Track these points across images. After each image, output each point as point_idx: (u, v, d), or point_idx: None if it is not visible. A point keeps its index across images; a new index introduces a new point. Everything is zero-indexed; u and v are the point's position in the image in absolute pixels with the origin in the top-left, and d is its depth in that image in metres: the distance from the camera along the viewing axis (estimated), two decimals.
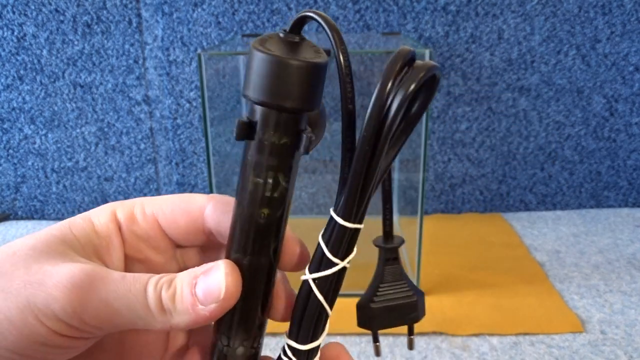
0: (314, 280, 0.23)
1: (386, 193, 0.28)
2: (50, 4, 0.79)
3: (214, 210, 0.26)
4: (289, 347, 0.24)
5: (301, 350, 0.23)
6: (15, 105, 0.84)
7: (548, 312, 0.62)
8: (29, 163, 0.88)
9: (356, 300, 0.31)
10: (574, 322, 0.59)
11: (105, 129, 0.85)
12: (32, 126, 0.85)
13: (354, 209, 0.22)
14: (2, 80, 0.83)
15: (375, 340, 0.29)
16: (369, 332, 0.61)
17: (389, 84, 0.20)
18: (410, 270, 0.69)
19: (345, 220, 0.22)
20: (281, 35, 0.21)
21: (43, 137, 0.86)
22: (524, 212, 0.90)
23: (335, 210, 0.22)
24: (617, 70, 0.82)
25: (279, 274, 0.25)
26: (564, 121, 0.85)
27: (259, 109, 0.21)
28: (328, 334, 0.24)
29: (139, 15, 0.80)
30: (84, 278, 0.21)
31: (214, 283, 0.22)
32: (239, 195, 0.23)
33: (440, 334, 0.58)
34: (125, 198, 0.89)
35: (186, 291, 0.22)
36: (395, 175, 0.87)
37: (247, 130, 0.21)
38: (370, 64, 0.81)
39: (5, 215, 0.90)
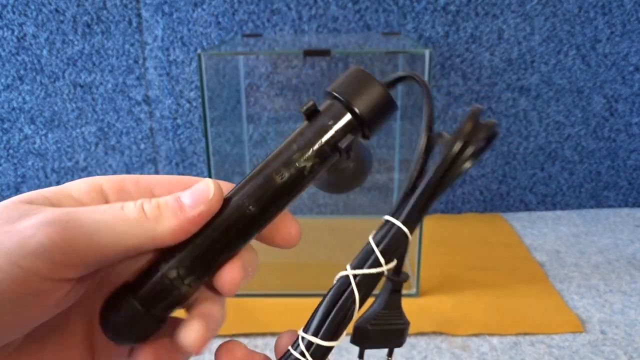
0: (354, 276, 0.23)
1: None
2: (50, 4, 0.79)
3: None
4: (305, 342, 0.23)
5: (321, 346, 0.23)
6: (15, 105, 0.84)
7: (548, 312, 0.62)
8: (29, 163, 0.87)
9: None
10: (574, 322, 0.59)
11: (105, 129, 0.85)
12: (32, 126, 0.85)
13: (414, 219, 0.24)
14: (2, 80, 0.83)
15: (361, 357, 0.30)
16: None
17: (462, 140, 0.23)
18: (410, 270, 0.69)
19: (405, 224, 0.23)
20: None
21: (43, 137, 0.86)
22: (524, 212, 0.90)
23: (395, 217, 0.24)
24: (617, 70, 0.82)
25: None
26: (564, 121, 0.85)
27: (330, 101, 0.25)
28: None
29: (139, 15, 0.80)
30: (57, 215, 0.20)
31: (200, 187, 0.22)
32: (268, 157, 0.24)
33: (440, 334, 0.58)
34: None
35: (171, 199, 0.22)
36: (395, 175, 0.87)
37: (312, 112, 0.25)
38: (370, 64, 0.81)
39: None
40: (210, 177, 0.67)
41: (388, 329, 0.29)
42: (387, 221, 0.24)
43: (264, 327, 0.59)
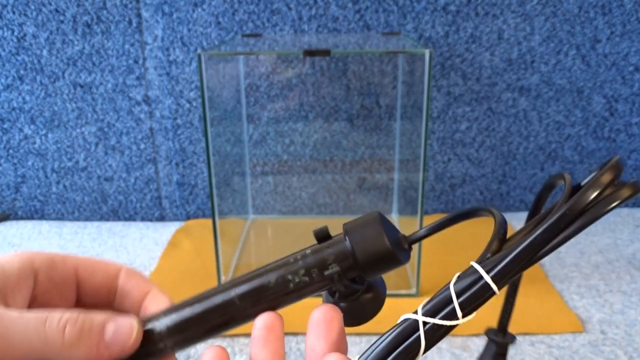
0: (424, 323, 0.22)
1: (514, 287, 0.28)
2: (50, 4, 0.79)
3: (126, 274, 0.28)
4: None
5: None
6: (15, 105, 0.84)
7: (548, 312, 0.62)
8: (29, 163, 0.88)
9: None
10: (574, 322, 0.59)
11: (105, 129, 0.85)
12: (32, 126, 0.85)
13: (507, 278, 0.22)
14: (2, 80, 0.83)
15: None
16: (370, 331, 0.61)
17: (593, 195, 0.21)
18: (410, 271, 0.69)
19: (494, 281, 0.21)
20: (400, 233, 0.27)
21: (43, 137, 0.86)
22: (524, 212, 0.90)
23: (482, 266, 0.22)
24: (617, 70, 0.82)
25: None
26: (564, 121, 0.85)
27: (341, 239, 0.26)
28: None
29: (139, 15, 0.80)
30: None
31: (124, 328, 0.23)
32: (275, 262, 0.27)
33: None
34: (125, 198, 0.89)
35: (96, 326, 0.23)
36: (395, 175, 0.87)
37: (322, 237, 0.27)
38: (370, 64, 0.81)
39: (5, 215, 0.90)
40: (210, 177, 0.67)
41: None
42: (474, 270, 0.22)
43: None
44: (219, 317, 0.26)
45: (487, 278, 0.21)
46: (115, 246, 0.81)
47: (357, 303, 0.26)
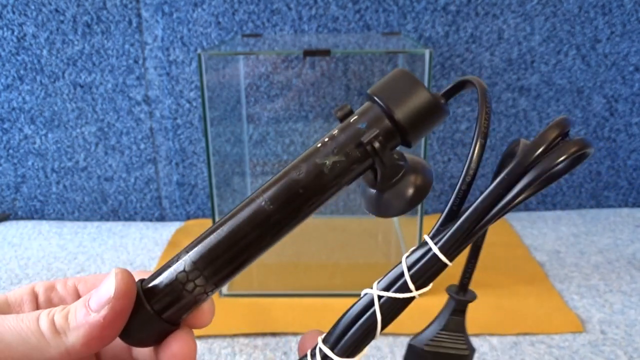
0: (379, 297, 0.22)
1: (476, 248, 0.28)
2: (50, 4, 0.79)
3: (133, 274, 0.26)
4: (322, 354, 0.22)
5: None
6: (15, 105, 0.84)
7: (548, 312, 0.62)
8: (29, 163, 0.88)
9: (355, 300, 0.31)
10: (574, 322, 0.59)
11: (105, 129, 0.85)
12: (32, 126, 0.85)
13: (455, 247, 0.21)
14: (2, 80, 0.83)
15: None
16: None
17: (538, 151, 0.20)
18: None
19: (443, 253, 0.21)
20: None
21: (43, 137, 0.86)
22: (524, 212, 0.90)
23: (432, 239, 0.22)
24: (617, 70, 0.82)
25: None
26: None
27: (370, 106, 0.23)
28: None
29: (139, 15, 0.80)
30: None
31: (104, 288, 0.22)
32: (298, 156, 0.23)
33: None
34: (125, 198, 0.89)
35: (79, 306, 0.22)
36: None
37: (346, 114, 0.23)
38: (370, 64, 0.81)
39: (5, 215, 0.90)
40: (210, 177, 0.67)
41: (447, 352, 0.27)
42: (425, 243, 0.22)
43: (263, 327, 0.59)
44: (252, 232, 0.22)
45: (435, 249, 0.21)
46: (115, 246, 0.81)
47: (402, 185, 0.23)
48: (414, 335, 0.30)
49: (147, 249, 0.80)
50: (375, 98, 0.22)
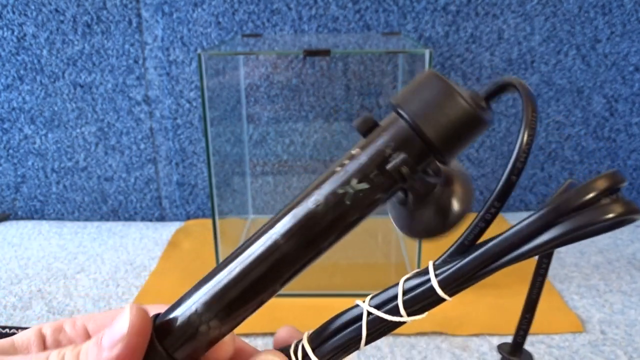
0: (369, 313, 0.21)
1: (532, 302, 0.26)
2: (50, 4, 0.79)
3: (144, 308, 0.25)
4: (303, 351, 0.22)
5: None
6: (15, 105, 0.84)
7: (548, 312, 0.62)
8: (29, 163, 0.88)
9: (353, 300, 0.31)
10: (574, 322, 0.59)
11: (105, 129, 0.85)
12: (32, 126, 0.85)
13: (456, 285, 0.20)
14: (2, 80, 0.83)
15: None
16: None
17: (581, 200, 0.17)
18: (411, 270, 0.69)
19: (442, 288, 0.20)
20: (469, 90, 0.20)
21: (43, 137, 0.86)
22: (524, 212, 0.90)
23: (435, 268, 0.20)
24: (617, 70, 0.82)
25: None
26: (564, 121, 0.85)
27: (395, 119, 0.20)
28: None
29: (139, 15, 0.80)
30: None
31: (117, 325, 0.20)
32: (316, 180, 0.21)
33: (440, 334, 0.58)
34: (125, 198, 0.89)
35: (92, 345, 0.21)
36: None
37: (369, 128, 0.20)
38: (370, 64, 0.81)
39: (5, 215, 0.90)
40: (210, 177, 0.67)
41: None
42: (426, 271, 0.20)
43: (263, 328, 0.59)
44: (267, 271, 0.20)
45: (434, 282, 0.20)
46: (115, 246, 0.81)
47: (441, 200, 0.21)
48: None
49: (147, 249, 0.80)
50: (401, 112, 0.19)
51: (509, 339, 0.57)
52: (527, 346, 0.56)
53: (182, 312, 0.21)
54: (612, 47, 0.81)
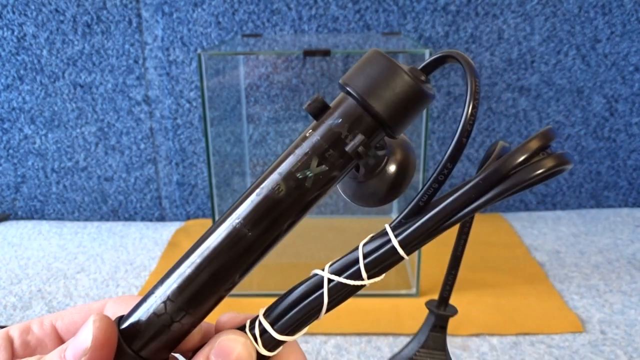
0: (329, 280, 0.21)
1: (457, 259, 0.27)
2: (50, 4, 0.79)
3: (114, 303, 0.25)
4: (261, 327, 0.22)
5: (272, 337, 0.21)
6: (15, 105, 0.84)
7: (548, 312, 0.62)
8: (29, 163, 0.88)
9: (356, 301, 0.31)
10: (574, 322, 0.59)
11: (105, 129, 0.85)
12: (32, 126, 0.85)
13: (415, 243, 0.21)
14: (2, 80, 0.83)
15: None
16: (370, 331, 0.61)
17: (517, 161, 0.19)
18: (410, 270, 0.69)
19: (402, 247, 0.21)
20: (408, 66, 0.21)
21: (43, 137, 0.86)
22: (524, 212, 0.90)
23: (393, 229, 0.21)
24: (617, 70, 0.82)
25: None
26: (564, 121, 0.85)
27: (344, 98, 0.20)
28: (327, 334, 0.24)
29: (139, 15, 0.80)
30: None
31: (81, 337, 0.20)
32: (272, 164, 0.21)
33: None
34: (125, 198, 0.89)
35: (55, 357, 0.21)
36: None
37: (319, 109, 0.20)
38: None
39: (5, 215, 0.90)
40: (210, 177, 0.67)
41: None
42: (385, 233, 0.21)
43: None
44: (232, 259, 0.20)
45: (395, 241, 0.20)
46: (115, 246, 0.81)
47: (388, 169, 0.22)
48: (393, 355, 0.30)
49: (147, 249, 0.80)
50: (350, 90, 0.20)
51: (509, 339, 0.57)
52: (527, 346, 0.56)
53: (146, 309, 0.21)
54: (612, 47, 0.81)
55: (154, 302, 0.21)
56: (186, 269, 0.21)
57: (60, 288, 0.69)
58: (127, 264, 0.75)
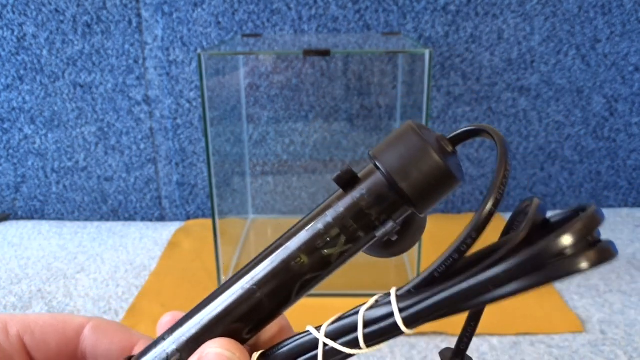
0: (324, 345, 0.20)
1: (478, 312, 0.25)
2: (50, 4, 0.79)
3: (93, 331, 0.23)
4: None
5: None
6: (15, 105, 0.84)
7: (548, 312, 0.62)
8: (29, 163, 0.88)
9: (356, 301, 0.31)
10: (574, 322, 0.59)
11: (105, 129, 0.85)
12: (32, 126, 0.85)
13: (421, 322, 0.19)
14: (2, 80, 0.83)
15: None
16: None
17: (561, 247, 0.16)
18: (410, 270, 0.69)
19: (405, 325, 0.19)
20: (437, 134, 0.21)
21: (43, 137, 0.86)
22: None
23: (399, 299, 0.19)
24: (617, 70, 0.82)
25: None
26: (564, 121, 0.85)
27: (372, 171, 0.20)
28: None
29: (139, 15, 0.80)
30: None
31: None
32: (290, 230, 0.21)
33: (440, 334, 0.58)
34: (125, 198, 0.89)
35: None
36: None
37: (348, 180, 0.20)
38: (370, 64, 0.81)
39: (5, 215, 0.90)
40: (210, 177, 0.67)
41: None
42: (389, 303, 0.19)
43: None
44: (245, 321, 0.21)
45: (398, 318, 0.19)
46: (115, 246, 0.81)
47: (401, 236, 0.22)
48: None
49: (147, 249, 0.80)
50: (378, 164, 0.20)
51: (508, 339, 0.57)
52: (527, 346, 0.56)
53: (156, 356, 0.21)
54: (612, 47, 0.81)
55: (164, 349, 0.21)
56: (199, 320, 0.21)
57: (60, 288, 0.69)
58: (127, 264, 0.75)
